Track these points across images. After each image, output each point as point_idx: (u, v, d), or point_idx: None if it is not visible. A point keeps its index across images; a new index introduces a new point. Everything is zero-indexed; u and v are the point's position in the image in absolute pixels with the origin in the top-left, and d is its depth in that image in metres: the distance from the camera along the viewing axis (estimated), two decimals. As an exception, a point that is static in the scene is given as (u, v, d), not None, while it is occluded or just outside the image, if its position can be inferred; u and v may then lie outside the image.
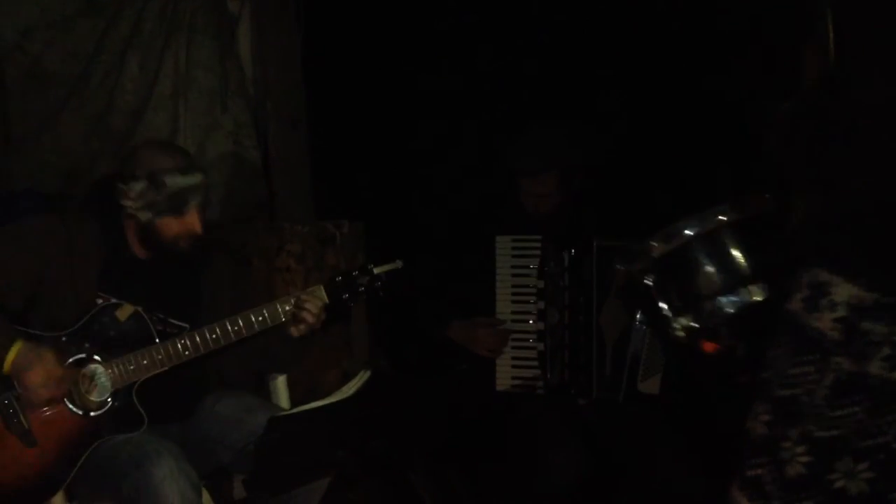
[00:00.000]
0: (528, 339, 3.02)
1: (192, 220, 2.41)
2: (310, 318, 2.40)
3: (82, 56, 3.34)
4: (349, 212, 3.19)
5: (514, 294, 3.03)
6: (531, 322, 3.02)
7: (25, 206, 3.11)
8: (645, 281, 1.91)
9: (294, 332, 2.42)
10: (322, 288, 2.43)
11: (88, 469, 2.30)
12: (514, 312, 3.03)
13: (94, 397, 2.32)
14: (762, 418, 1.50)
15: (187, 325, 2.44)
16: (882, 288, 1.38)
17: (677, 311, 1.91)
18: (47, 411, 2.30)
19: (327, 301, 2.42)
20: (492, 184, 3.17)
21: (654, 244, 1.90)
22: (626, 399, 2.95)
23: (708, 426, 2.82)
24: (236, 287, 2.62)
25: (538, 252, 3.00)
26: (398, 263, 2.46)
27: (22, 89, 3.26)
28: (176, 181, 2.37)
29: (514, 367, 3.02)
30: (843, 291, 1.41)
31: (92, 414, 2.32)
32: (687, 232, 1.90)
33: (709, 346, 1.92)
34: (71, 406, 2.31)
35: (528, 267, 3.02)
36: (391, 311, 3.08)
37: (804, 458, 1.44)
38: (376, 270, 2.44)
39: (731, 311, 1.87)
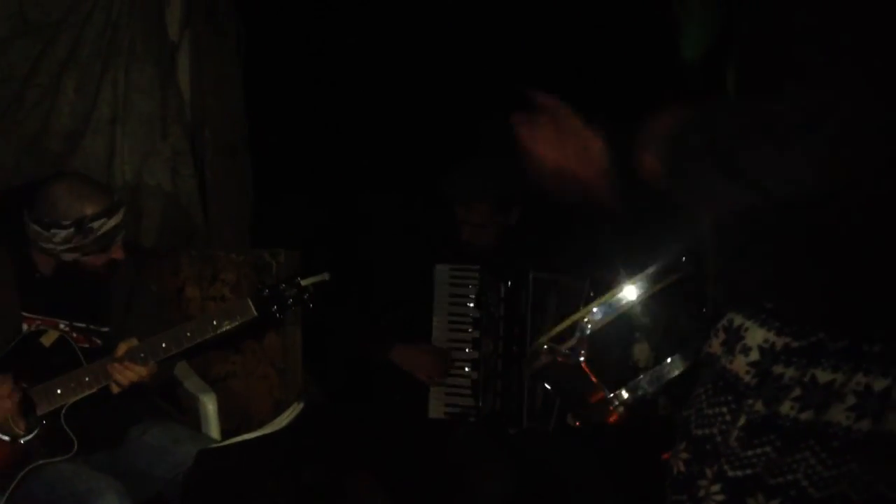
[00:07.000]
0: (463, 368, 3.04)
1: (116, 252, 2.45)
2: None
3: (17, 78, 3.29)
4: (286, 240, 3.17)
5: (450, 322, 3.05)
6: (467, 350, 3.05)
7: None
8: (580, 360, 1.90)
9: None
10: (249, 301, 2.41)
11: (24, 499, 2.25)
12: (450, 340, 3.05)
13: (22, 424, 2.28)
14: (682, 456, 1.52)
15: (108, 329, 2.46)
16: (793, 332, 1.40)
17: (612, 387, 1.91)
18: None
19: (256, 314, 2.40)
20: (432, 212, 3.19)
21: (587, 322, 1.90)
22: (556, 430, 3.00)
23: (637, 459, 2.86)
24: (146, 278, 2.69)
25: (476, 282, 3.03)
26: (325, 276, 2.47)
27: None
28: (104, 224, 2.38)
29: (447, 394, 3.04)
30: (756, 336, 1.43)
31: (20, 441, 2.28)
32: (614, 304, 1.90)
33: (614, 419, 1.92)
34: None
35: (465, 296, 3.05)
36: (329, 332, 3.08)
37: (719, 497, 1.46)
38: (304, 282, 2.44)
39: (664, 381, 1.88)
